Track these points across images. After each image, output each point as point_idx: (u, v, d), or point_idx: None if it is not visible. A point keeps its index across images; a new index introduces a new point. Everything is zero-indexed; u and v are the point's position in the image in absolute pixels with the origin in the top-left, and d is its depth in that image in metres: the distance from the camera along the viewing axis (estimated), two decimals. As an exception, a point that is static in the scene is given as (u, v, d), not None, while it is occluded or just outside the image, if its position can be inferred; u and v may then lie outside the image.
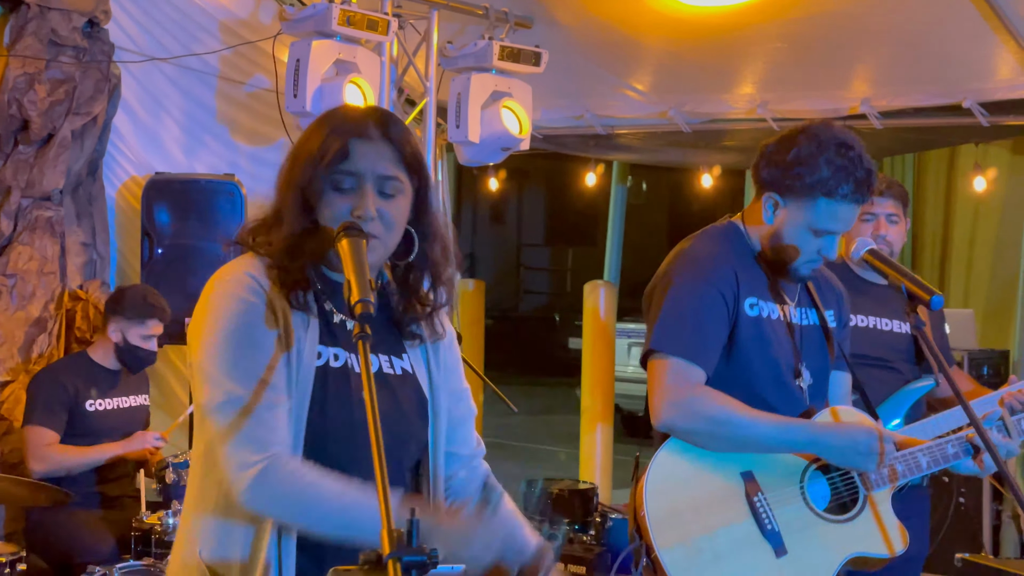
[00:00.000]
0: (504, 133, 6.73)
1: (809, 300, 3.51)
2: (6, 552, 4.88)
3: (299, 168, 2.55)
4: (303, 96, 6.15)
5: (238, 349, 2.46)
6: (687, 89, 7.34)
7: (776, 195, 3.34)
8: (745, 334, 3.34)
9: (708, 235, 3.50)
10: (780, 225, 3.35)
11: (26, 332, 6.28)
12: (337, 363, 2.56)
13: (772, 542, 3.26)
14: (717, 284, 3.32)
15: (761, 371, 3.35)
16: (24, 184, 6.30)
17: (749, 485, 3.29)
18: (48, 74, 6.28)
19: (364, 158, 2.53)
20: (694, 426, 3.27)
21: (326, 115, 2.65)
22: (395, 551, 2.03)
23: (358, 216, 2.50)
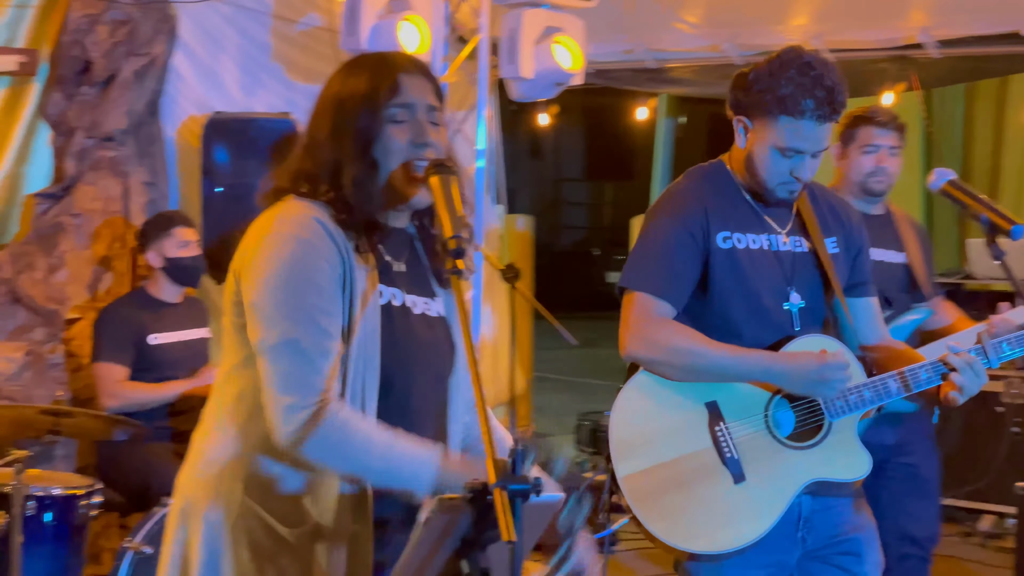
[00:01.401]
0: (556, 68, 6.74)
1: (803, 228, 3.55)
2: (83, 484, 5.00)
3: (350, 110, 2.59)
4: (358, 34, 6.20)
5: (298, 290, 2.49)
6: (740, 21, 7.32)
7: (744, 118, 3.43)
8: (719, 267, 3.43)
9: (690, 174, 3.61)
10: (751, 147, 3.43)
11: (92, 270, 6.39)
12: (396, 302, 2.63)
13: (732, 469, 3.35)
14: (685, 222, 3.43)
15: (737, 301, 3.43)
16: (87, 125, 6.39)
17: (712, 415, 3.39)
18: (109, 15, 6.35)
19: (413, 90, 2.62)
20: (654, 356, 3.39)
21: (359, 59, 2.72)
22: (501, 480, 2.12)
23: (422, 143, 2.58)
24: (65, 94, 6.41)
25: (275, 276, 2.50)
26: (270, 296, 2.50)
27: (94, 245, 6.40)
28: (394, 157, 2.58)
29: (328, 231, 2.54)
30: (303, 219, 2.54)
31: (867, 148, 4.54)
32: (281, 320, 2.48)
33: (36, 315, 6.21)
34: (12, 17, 6.41)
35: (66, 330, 6.28)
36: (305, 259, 2.51)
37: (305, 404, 2.45)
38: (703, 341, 3.37)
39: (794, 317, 3.48)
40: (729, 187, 3.52)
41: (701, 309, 3.44)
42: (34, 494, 4.76)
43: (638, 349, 3.39)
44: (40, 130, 6.51)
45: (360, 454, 2.48)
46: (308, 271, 2.50)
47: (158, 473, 5.46)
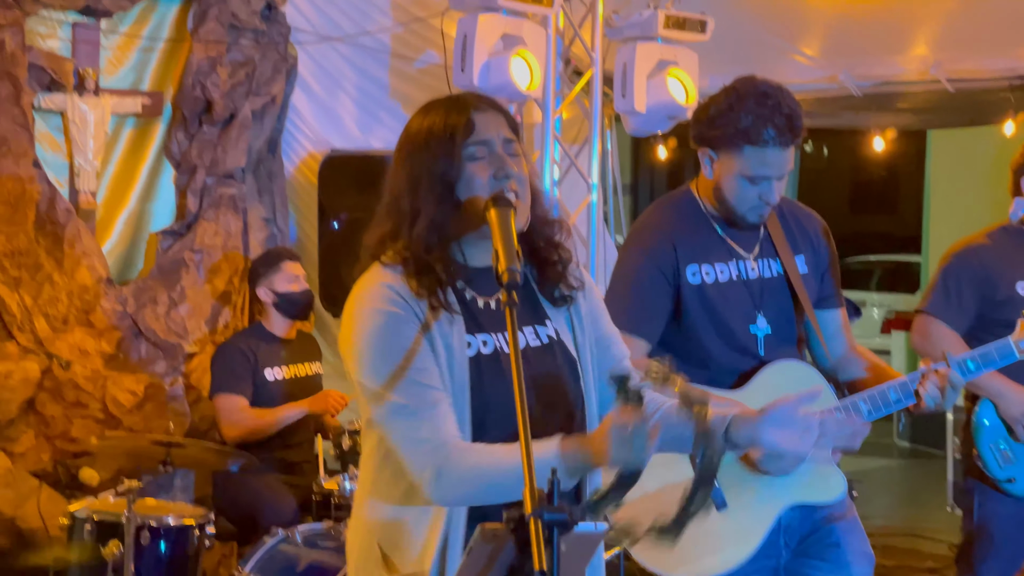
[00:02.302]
0: (670, 102, 6.73)
1: (772, 250, 3.61)
2: (196, 515, 5.11)
3: (427, 156, 2.62)
4: (470, 70, 6.25)
5: (388, 358, 2.56)
6: (857, 52, 7.23)
7: (709, 149, 3.50)
8: (690, 301, 3.51)
9: (659, 205, 3.71)
10: (719, 178, 3.50)
11: (212, 305, 6.57)
12: (487, 349, 2.65)
13: (714, 497, 3.39)
14: (655, 258, 3.52)
15: (709, 332, 3.51)
16: (208, 163, 6.58)
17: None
18: (229, 57, 6.54)
19: (488, 126, 2.64)
20: None
21: (428, 106, 2.73)
22: (536, 509, 2.13)
23: (503, 176, 2.60)
24: (188, 133, 6.62)
25: (365, 352, 2.58)
26: (367, 372, 2.58)
27: (214, 280, 6.57)
28: (479, 194, 2.60)
29: (399, 295, 2.58)
30: (374, 289, 2.60)
31: None
32: (382, 392, 2.56)
33: (157, 349, 6.39)
34: (138, 61, 6.64)
35: (186, 363, 6.45)
36: (386, 327, 2.56)
37: (430, 461, 2.53)
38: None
39: (759, 342, 3.55)
40: (697, 216, 3.58)
41: (675, 338, 3.51)
42: (148, 524, 4.88)
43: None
44: (164, 169, 6.72)
45: (493, 478, 2.53)
46: (392, 337, 2.56)
47: (268, 504, 5.56)
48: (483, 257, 2.66)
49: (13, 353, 6.04)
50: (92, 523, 4.92)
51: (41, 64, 6.19)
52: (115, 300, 6.31)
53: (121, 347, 6.31)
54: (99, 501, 5.01)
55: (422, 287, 2.60)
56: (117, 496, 4.91)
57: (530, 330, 2.73)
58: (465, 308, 2.66)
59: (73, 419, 6.12)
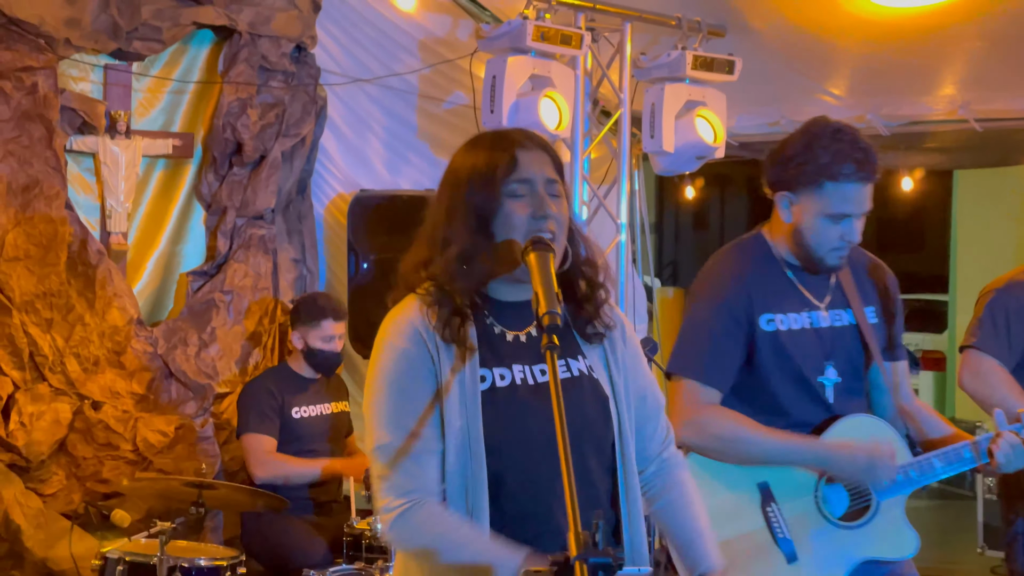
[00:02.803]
0: (699, 142, 6.74)
1: (843, 300, 3.60)
2: (227, 556, 5.12)
3: (467, 189, 2.64)
4: (499, 112, 6.28)
5: (392, 399, 2.61)
6: (885, 92, 7.23)
7: (787, 192, 3.48)
8: (763, 349, 3.50)
9: (731, 251, 3.67)
10: (798, 220, 3.48)
11: (242, 345, 6.58)
12: (503, 382, 2.65)
13: (784, 549, 3.41)
14: (731, 306, 3.50)
15: (780, 380, 3.50)
16: (239, 204, 6.61)
17: (764, 495, 3.45)
18: (259, 99, 6.59)
19: (531, 164, 2.66)
20: (705, 444, 3.47)
21: (476, 139, 2.77)
22: (582, 553, 2.12)
23: (542, 216, 2.61)
24: (218, 175, 6.66)
25: (374, 384, 2.64)
26: (371, 404, 2.64)
27: (244, 321, 6.59)
28: (515, 231, 2.61)
29: (418, 331, 2.61)
30: (397, 323, 2.64)
31: None
32: (379, 428, 2.62)
33: (188, 389, 6.41)
34: (169, 103, 6.70)
35: (216, 404, 6.46)
36: (395, 366, 2.61)
37: (395, 505, 2.58)
38: (752, 428, 3.43)
39: (827, 390, 3.53)
40: (769, 262, 3.57)
41: (747, 386, 3.50)
42: (180, 565, 4.89)
43: (689, 436, 3.44)
44: (195, 210, 6.76)
45: (439, 548, 2.56)
46: (400, 378, 2.61)
47: (299, 545, 5.57)
48: (513, 292, 2.69)
49: (45, 394, 6.07)
50: (124, 564, 4.94)
51: (73, 107, 6.24)
52: (146, 341, 6.33)
53: (152, 388, 6.33)
54: (131, 543, 5.01)
55: (439, 320, 2.62)
56: (149, 537, 4.92)
57: (561, 362, 2.72)
58: (488, 341, 2.67)
59: (104, 460, 6.13)
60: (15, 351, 6.01)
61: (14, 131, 6.03)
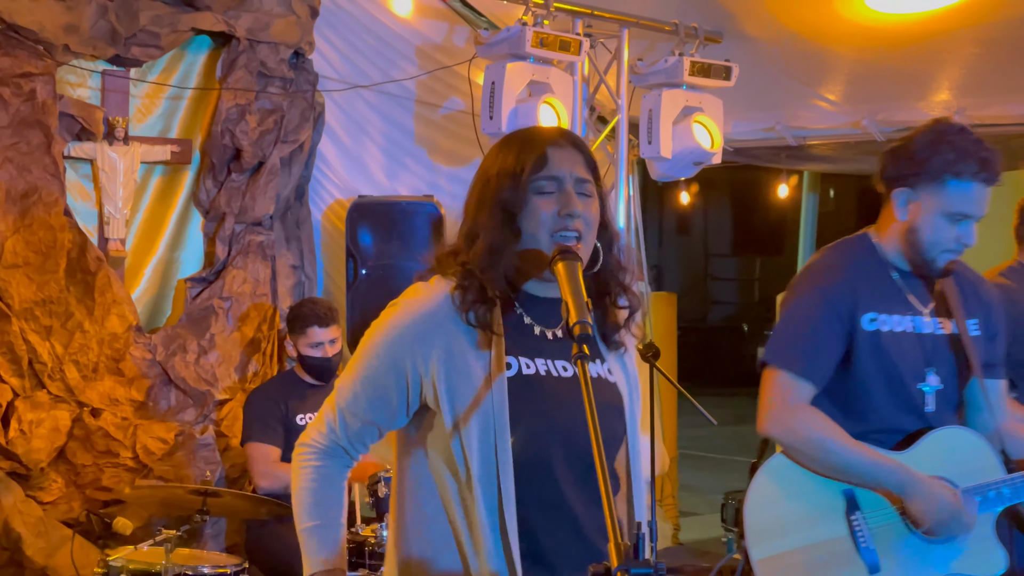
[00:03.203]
0: (696, 148, 6.75)
1: (946, 310, 3.51)
2: (230, 564, 5.09)
3: (496, 183, 2.65)
4: (499, 118, 6.29)
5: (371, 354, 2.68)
6: (881, 98, 7.26)
7: (906, 188, 3.40)
8: (862, 348, 3.41)
9: (837, 248, 3.58)
10: (914, 218, 3.40)
11: (241, 352, 6.56)
12: (529, 371, 2.65)
13: (866, 559, 3.32)
14: (833, 300, 3.41)
15: (878, 382, 3.41)
16: (237, 210, 6.60)
17: (850, 502, 3.36)
18: (258, 105, 6.57)
19: (562, 162, 2.66)
20: (790, 443, 3.40)
21: (510, 136, 2.78)
22: (623, 564, 2.12)
23: (567, 214, 2.61)
24: (216, 181, 6.64)
25: (369, 335, 2.71)
26: (360, 348, 2.71)
27: (243, 328, 6.58)
28: (541, 227, 2.62)
29: (435, 307, 2.63)
30: (413, 302, 2.67)
31: None
32: (348, 371, 2.73)
33: (187, 396, 6.39)
34: (167, 109, 6.68)
35: (216, 411, 6.45)
36: (384, 328, 2.67)
37: (302, 442, 2.79)
38: (843, 439, 3.34)
39: (927, 397, 3.45)
40: (876, 263, 3.49)
41: (840, 387, 3.42)
42: (184, 573, 4.87)
43: (775, 432, 3.39)
44: (193, 216, 6.74)
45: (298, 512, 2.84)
46: (378, 341, 2.67)
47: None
48: (544, 289, 2.70)
49: (44, 402, 6.04)
50: (128, 572, 4.91)
51: (71, 113, 6.22)
52: (144, 348, 6.31)
53: (151, 395, 6.31)
54: (135, 551, 4.99)
55: (464, 303, 2.62)
56: (155, 545, 4.90)
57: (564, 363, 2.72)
58: (516, 331, 2.67)
59: (104, 468, 6.11)
60: (14, 358, 5.99)
61: (12, 137, 6.01)
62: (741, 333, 23.27)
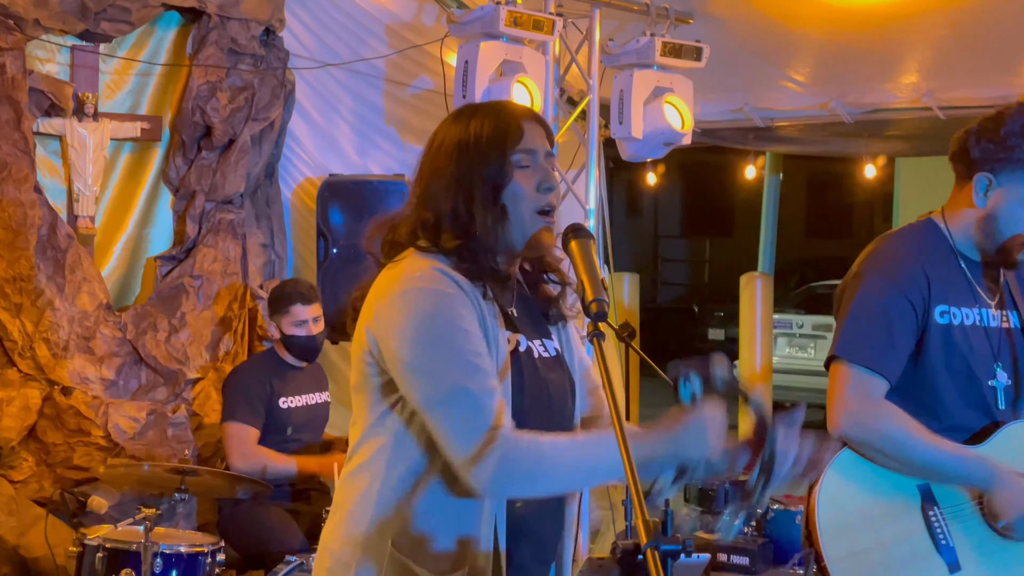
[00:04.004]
0: (667, 128, 6.77)
1: (1011, 301, 3.40)
2: (207, 543, 5.07)
3: (476, 157, 2.63)
4: (472, 97, 6.26)
5: (448, 339, 2.50)
6: (849, 79, 7.31)
7: (989, 174, 3.22)
8: (934, 342, 3.25)
9: (903, 234, 3.40)
10: (995, 206, 3.24)
11: (212, 331, 6.53)
12: (522, 347, 2.67)
13: (946, 557, 3.20)
14: (907, 291, 3.24)
15: (947, 378, 3.26)
16: (207, 188, 6.55)
17: (925, 498, 3.24)
18: (228, 82, 6.52)
19: (536, 137, 2.68)
20: (870, 441, 3.23)
21: (475, 108, 2.75)
22: (652, 540, 2.13)
23: (548, 187, 2.63)
24: (186, 158, 6.59)
25: (422, 331, 2.51)
26: (423, 352, 2.50)
27: (214, 306, 6.54)
28: (523, 203, 2.62)
29: (456, 282, 2.57)
30: (431, 273, 2.57)
31: None
32: (443, 372, 2.49)
33: (158, 375, 6.35)
34: (136, 85, 6.61)
35: (188, 390, 6.41)
36: (445, 308, 2.52)
37: (488, 450, 2.45)
38: (922, 435, 3.20)
39: (999, 395, 3.32)
40: (945, 251, 3.33)
41: (908, 381, 3.27)
42: (161, 551, 4.85)
43: (853, 431, 3.22)
44: (163, 194, 6.69)
45: (555, 470, 2.49)
46: (452, 318, 2.52)
47: (276, 532, 5.54)
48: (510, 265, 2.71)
49: (14, 380, 5.98)
50: (104, 551, 4.88)
51: (41, 88, 6.14)
52: (115, 326, 6.26)
53: (121, 374, 6.26)
54: (114, 530, 4.96)
55: (475, 277, 2.60)
56: (133, 524, 4.87)
57: (538, 342, 2.74)
58: (503, 308, 2.69)
59: (75, 446, 6.05)
60: (-16, 337, 5.93)
61: (-18, 113, 5.93)
62: (692, 314, 23.35)
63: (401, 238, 2.67)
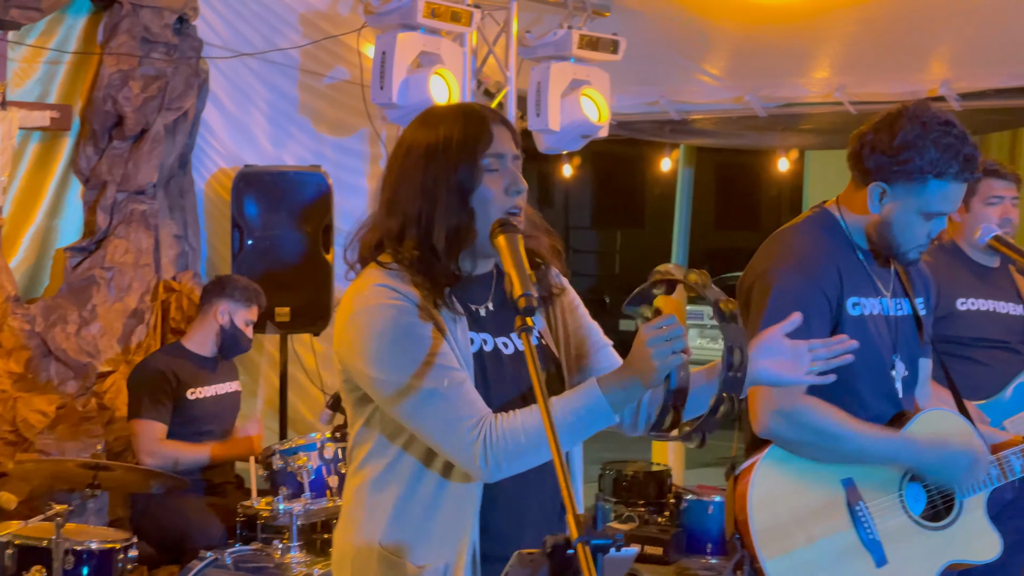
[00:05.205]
0: (584, 121, 6.80)
1: (902, 290, 3.46)
2: (119, 538, 5.01)
3: (444, 161, 2.63)
4: (389, 88, 6.25)
5: (406, 347, 2.57)
6: (763, 74, 7.37)
7: (883, 183, 3.25)
8: (848, 334, 3.17)
9: (806, 228, 3.42)
10: (888, 214, 3.26)
11: (124, 323, 6.43)
12: (487, 347, 2.69)
13: (873, 552, 3.24)
14: (823, 285, 3.27)
15: (860, 369, 3.22)
16: (119, 179, 6.45)
17: (850, 493, 3.27)
18: (141, 71, 6.43)
19: (504, 140, 2.67)
20: (799, 437, 3.24)
21: (442, 111, 2.78)
22: (583, 535, 2.14)
23: (516, 190, 2.65)
24: (97, 148, 6.47)
25: (381, 349, 2.58)
26: (386, 367, 2.58)
27: (126, 298, 6.44)
28: (491, 206, 2.63)
29: (404, 294, 2.60)
30: (375, 291, 2.61)
31: (991, 200, 4.35)
32: (410, 382, 2.56)
33: (68, 368, 6.24)
34: (45, 73, 6.47)
35: (99, 383, 6.31)
36: (396, 321, 2.58)
37: (476, 437, 2.54)
38: (850, 423, 3.23)
39: (897, 383, 3.39)
40: (847, 245, 3.36)
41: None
42: (72, 548, 4.77)
43: (781, 428, 3.22)
44: (72, 184, 6.56)
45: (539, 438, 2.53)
46: (404, 328, 2.58)
47: (192, 526, 5.48)
48: (477, 266, 2.72)
49: (-80, 374, 5.86)
50: (14, 548, 4.81)
51: (-54, 76, 6.01)
52: (23, 319, 6.14)
53: (30, 367, 6.14)
54: (24, 527, 4.87)
55: (425, 286, 2.62)
56: (44, 520, 4.78)
57: (515, 336, 2.75)
58: (467, 310, 2.70)
59: (-18, 441, 5.94)
60: None
61: None
62: (603, 305, 23.45)
63: (364, 252, 2.71)
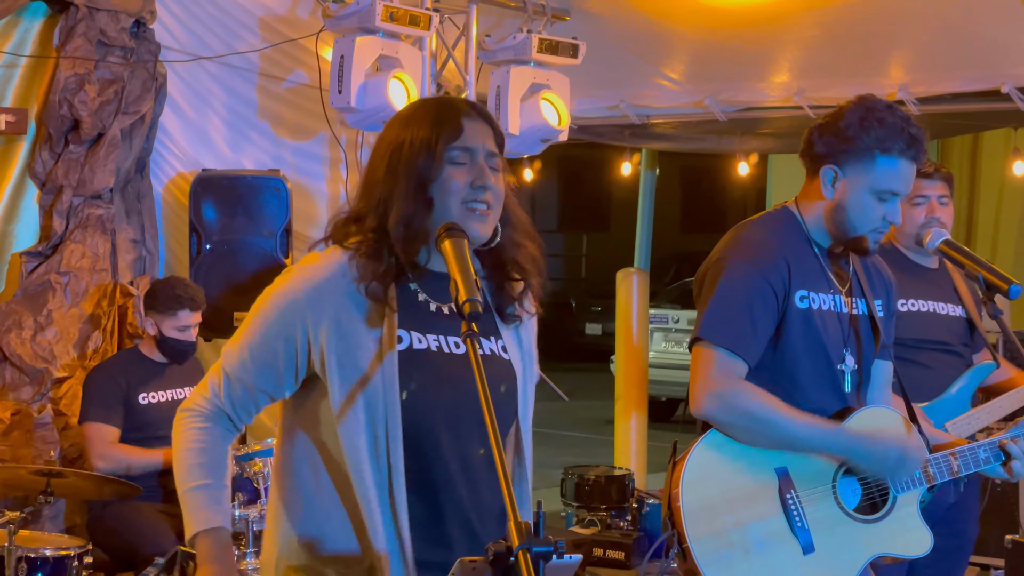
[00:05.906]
0: (544, 125, 6.80)
1: (859, 289, 3.53)
2: (73, 546, 4.97)
3: (409, 151, 2.64)
4: (348, 92, 6.23)
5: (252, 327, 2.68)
6: (722, 78, 7.41)
7: (833, 165, 3.37)
8: (793, 326, 3.37)
9: (763, 222, 3.52)
10: (842, 196, 3.37)
11: (80, 328, 6.38)
12: (420, 345, 2.65)
13: (801, 539, 3.32)
14: (769, 276, 3.35)
15: (805, 361, 3.39)
16: (75, 183, 6.39)
17: (783, 482, 3.34)
18: (97, 74, 6.37)
19: (476, 135, 2.66)
20: (733, 420, 3.32)
21: (420, 105, 2.80)
22: (524, 542, 2.13)
23: (480, 186, 2.63)
24: (53, 152, 6.42)
25: (259, 303, 2.69)
26: (250, 316, 2.70)
27: (82, 304, 6.39)
28: (452, 197, 2.62)
29: (333, 275, 2.62)
30: (308, 268, 2.66)
31: (916, 200, 4.40)
32: (237, 337, 2.70)
33: (23, 374, 6.18)
34: (0, 76, 6.41)
35: (54, 389, 6.26)
36: (275, 306, 2.65)
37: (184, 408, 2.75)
38: (784, 410, 3.32)
39: (845, 378, 3.46)
40: (802, 239, 3.45)
41: (768, 364, 3.38)
42: (26, 555, 4.74)
43: (714, 410, 3.32)
44: (28, 188, 6.50)
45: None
46: (268, 316, 2.66)
47: (147, 533, 5.45)
48: (442, 264, 2.66)
49: None
50: (-33, 557, 4.75)
51: (-101, 80, 5.95)
52: (-23, 324, 6.09)
53: (-16, 373, 6.10)
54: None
55: (366, 272, 2.62)
56: (-3, 528, 4.74)
57: (452, 339, 2.71)
58: (409, 305, 2.67)
59: (-65, 448, 5.88)
60: None
61: None
62: (569, 308, 23.49)
63: (332, 231, 2.73)
